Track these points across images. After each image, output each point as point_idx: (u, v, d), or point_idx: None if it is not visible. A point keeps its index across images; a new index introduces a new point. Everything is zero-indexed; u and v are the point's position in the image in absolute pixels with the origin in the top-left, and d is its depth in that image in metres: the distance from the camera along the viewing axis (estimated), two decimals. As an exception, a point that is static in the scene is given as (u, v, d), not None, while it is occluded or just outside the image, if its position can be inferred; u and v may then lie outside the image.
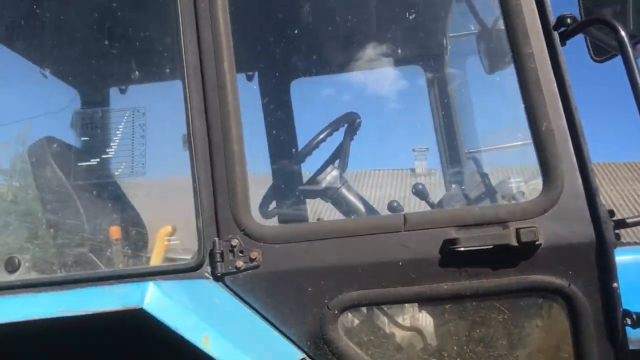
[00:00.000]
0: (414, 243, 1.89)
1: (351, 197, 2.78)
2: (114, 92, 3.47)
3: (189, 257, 1.97)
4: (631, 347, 1.94)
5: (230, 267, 1.90)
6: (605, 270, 1.83)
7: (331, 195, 2.78)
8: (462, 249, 1.83)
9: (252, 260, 1.90)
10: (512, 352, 1.91)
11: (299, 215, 3.06)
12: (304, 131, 3.97)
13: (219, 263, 1.90)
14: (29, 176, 3.69)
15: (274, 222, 2.98)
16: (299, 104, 3.97)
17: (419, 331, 1.99)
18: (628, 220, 1.89)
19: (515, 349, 1.91)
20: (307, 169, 3.51)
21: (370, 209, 2.78)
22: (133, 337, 1.72)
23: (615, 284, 1.82)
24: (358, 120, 2.99)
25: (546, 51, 1.95)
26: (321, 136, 2.88)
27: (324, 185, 2.78)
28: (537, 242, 1.81)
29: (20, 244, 2.45)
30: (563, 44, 1.99)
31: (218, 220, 1.95)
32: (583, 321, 1.84)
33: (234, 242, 1.91)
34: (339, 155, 2.90)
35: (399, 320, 2.00)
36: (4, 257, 2.09)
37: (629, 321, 1.82)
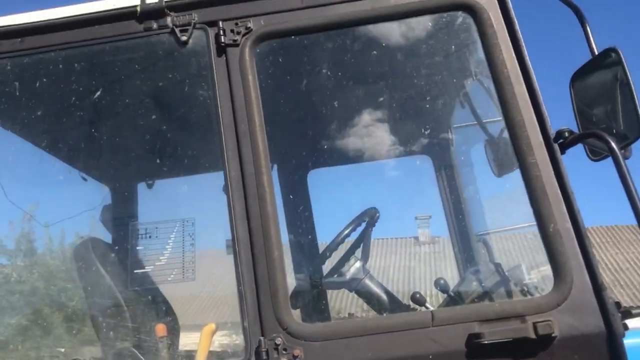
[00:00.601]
0: (442, 337, 2.08)
1: (374, 287, 2.99)
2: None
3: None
4: None
5: None
6: (616, 358, 2.02)
7: (355, 286, 2.99)
8: (486, 341, 2.03)
9: (295, 357, 2.09)
10: None
11: (323, 304, 3.25)
12: (322, 218, 4.24)
13: None
14: (35, 257, 3.90)
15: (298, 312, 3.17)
16: (316, 192, 4.25)
17: None
18: (634, 312, 2.10)
19: None
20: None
21: (392, 298, 2.98)
22: None
23: (626, 372, 2.00)
24: (377, 215, 3.24)
25: (549, 160, 2.21)
26: (345, 232, 3.12)
27: (348, 277, 2.99)
28: (553, 334, 2.01)
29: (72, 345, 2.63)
30: (563, 152, 2.25)
31: (262, 320, 2.15)
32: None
33: (278, 340, 2.10)
34: (361, 247, 3.13)
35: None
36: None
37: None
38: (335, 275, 3.06)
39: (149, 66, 2.73)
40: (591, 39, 2.50)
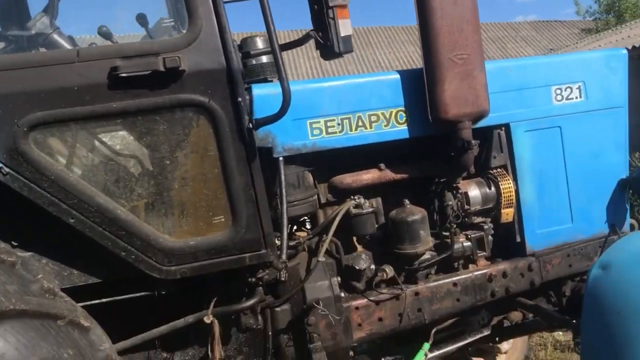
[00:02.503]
0: (87, 72, 2.36)
1: (62, 41, 3.12)
2: None
3: None
4: (258, 145, 2.72)
5: None
6: (234, 89, 2.49)
7: (43, 41, 3.09)
8: (125, 74, 2.35)
9: None
10: (174, 154, 2.54)
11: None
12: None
13: None
14: None
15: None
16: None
17: (100, 140, 2.53)
18: (252, 52, 2.56)
19: (175, 151, 2.54)
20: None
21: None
22: None
23: (240, 99, 2.49)
24: None
25: None
26: None
27: (34, 32, 3.06)
28: (180, 68, 2.39)
29: None
30: None
31: None
32: (221, 127, 2.51)
33: None
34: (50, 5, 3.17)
35: (81, 133, 2.48)
36: None
37: (252, 125, 2.54)
38: (22, 30, 3.11)
39: None
40: None
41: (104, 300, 2.58)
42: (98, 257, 2.52)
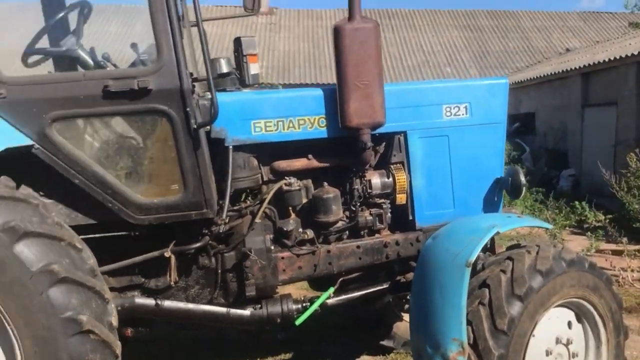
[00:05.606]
0: (89, 86, 3.63)
1: (84, 55, 4.44)
2: None
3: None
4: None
5: None
6: (185, 101, 3.74)
7: (70, 54, 4.41)
8: (113, 90, 3.63)
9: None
10: (145, 141, 3.83)
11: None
12: None
13: None
14: None
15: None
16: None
17: (97, 130, 3.84)
18: (199, 79, 3.81)
19: (146, 140, 3.83)
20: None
21: (98, 64, 4.47)
22: None
23: (188, 108, 3.74)
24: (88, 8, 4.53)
25: None
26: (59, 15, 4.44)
27: (64, 47, 4.39)
28: (149, 88, 3.65)
29: None
30: None
31: None
32: (176, 126, 3.75)
33: None
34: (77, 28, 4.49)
35: (85, 125, 3.82)
36: None
37: (196, 125, 3.79)
38: (57, 47, 4.45)
39: None
40: None
41: (97, 235, 3.91)
42: (93, 206, 3.83)
